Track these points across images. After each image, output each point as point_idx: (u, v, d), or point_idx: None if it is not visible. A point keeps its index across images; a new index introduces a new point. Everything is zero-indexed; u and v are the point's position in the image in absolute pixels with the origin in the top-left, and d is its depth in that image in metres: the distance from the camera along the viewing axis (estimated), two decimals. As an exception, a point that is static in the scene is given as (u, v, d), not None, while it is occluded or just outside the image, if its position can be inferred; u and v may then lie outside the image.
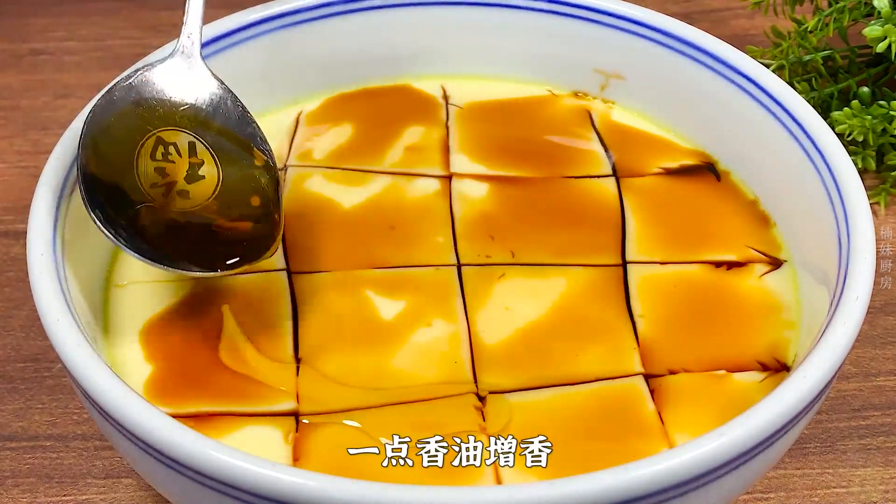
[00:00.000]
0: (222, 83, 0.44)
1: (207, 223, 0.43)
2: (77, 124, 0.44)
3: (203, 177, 0.43)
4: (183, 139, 0.44)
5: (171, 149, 0.43)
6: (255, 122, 0.44)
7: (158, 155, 0.43)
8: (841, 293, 0.39)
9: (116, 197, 0.42)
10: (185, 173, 0.43)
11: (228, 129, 0.44)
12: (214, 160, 0.44)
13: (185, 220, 0.43)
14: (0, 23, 0.72)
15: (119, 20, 0.73)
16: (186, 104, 0.44)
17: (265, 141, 0.44)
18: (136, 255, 0.42)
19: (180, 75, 0.44)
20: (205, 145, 0.44)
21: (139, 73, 0.44)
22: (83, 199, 0.41)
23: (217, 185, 0.44)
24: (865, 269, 0.39)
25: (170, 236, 0.43)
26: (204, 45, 0.49)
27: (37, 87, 0.68)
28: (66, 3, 0.74)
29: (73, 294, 0.40)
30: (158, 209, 0.43)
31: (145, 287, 0.44)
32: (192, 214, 0.43)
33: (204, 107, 0.44)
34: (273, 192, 0.44)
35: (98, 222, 0.41)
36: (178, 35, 0.49)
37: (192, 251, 0.43)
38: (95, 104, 0.43)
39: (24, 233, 0.41)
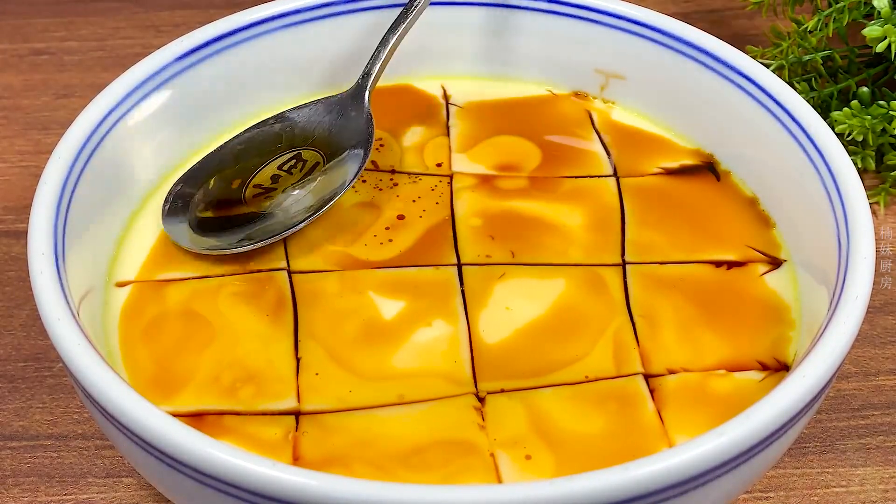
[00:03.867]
0: (371, 122, 0.48)
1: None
2: (80, 125, 0.45)
3: (294, 193, 0.47)
4: (313, 158, 0.48)
5: (300, 165, 0.47)
6: (367, 156, 0.47)
7: (286, 166, 0.48)
8: (841, 293, 0.39)
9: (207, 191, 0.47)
10: (288, 185, 0.47)
11: (343, 163, 0.47)
12: (320, 178, 0.47)
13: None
14: (0, 23, 0.72)
15: (119, 20, 0.73)
16: (334, 132, 0.48)
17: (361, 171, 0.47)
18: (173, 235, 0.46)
19: (344, 107, 0.49)
20: (322, 168, 0.47)
21: (319, 101, 0.49)
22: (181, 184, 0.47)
23: (300, 199, 0.47)
24: (865, 269, 0.39)
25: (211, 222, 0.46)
26: (204, 46, 0.49)
27: (38, 86, 0.68)
28: (66, 3, 0.74)
29: (73, 293, 0.40)
30: (232, 204, 0.47)
31: (145, 286, 0.45)
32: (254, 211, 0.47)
33: (344, 135, 0.48)
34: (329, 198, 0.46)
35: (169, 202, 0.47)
36: (178, 35, 0.49)
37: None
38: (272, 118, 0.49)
39: (25, 232, 0.41)
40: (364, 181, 0.49)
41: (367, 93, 0.49)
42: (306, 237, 0.46)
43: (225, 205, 0.47)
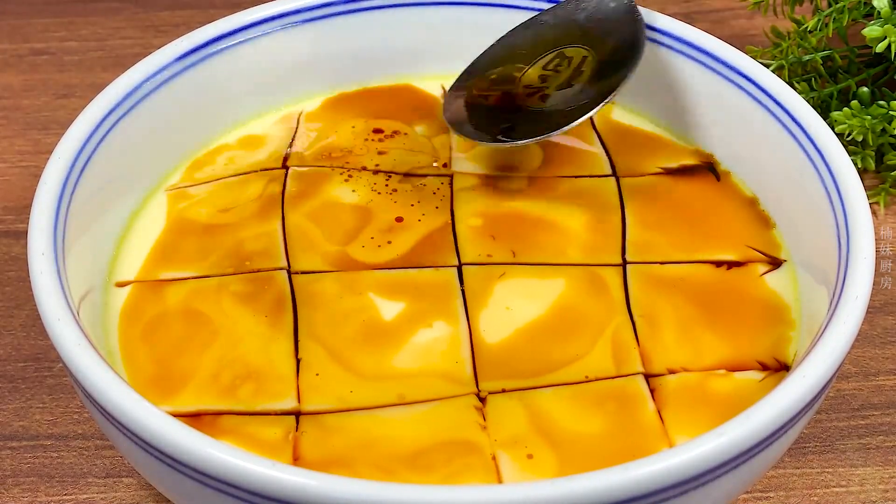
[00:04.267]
0: (635, 7, 0.48)
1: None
2: (80, 125, 0.45)
3: (571, 86, 0.48)
4: (579, 54, 0.48)
5: (566, 63, 0.49)
6: (642, 50, 0.47)
7: (551, 66, 0.49)
8: (840, 293, 0.39)
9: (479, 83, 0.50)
10: (560, 82, 0.48)
11: (616, 51, 0.48)
12: (590, 74, 0.48)
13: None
14: (0, 23, 0.72)
15: (120, 20, 0.73)
16: (594, 25, 0.49)
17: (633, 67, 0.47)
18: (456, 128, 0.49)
19: (606, 5, 0.49)
20: (593, 61, 0.48)
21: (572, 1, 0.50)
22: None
23: (574, 94, 0.48)
24: (865, 269, 0.39)
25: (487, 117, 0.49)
26: (204, 46, 0.49)
27: (38, 86, 0.68)
28: (66, 3, 0.74)
29: (73, 293, 0.40)
30: (505, 102, 0.49)
31: (145, 286, 0.45)
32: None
33: (607, 27, 0.49)
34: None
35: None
36: (178, 35, 0.49)
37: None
38: (527, 21, 0.50)
39: (25, 233, 0.41)
40: (364, 181, 0.49)
41: None
42: (306, 237, 0.46)
43: (500, 102, 0.49)
